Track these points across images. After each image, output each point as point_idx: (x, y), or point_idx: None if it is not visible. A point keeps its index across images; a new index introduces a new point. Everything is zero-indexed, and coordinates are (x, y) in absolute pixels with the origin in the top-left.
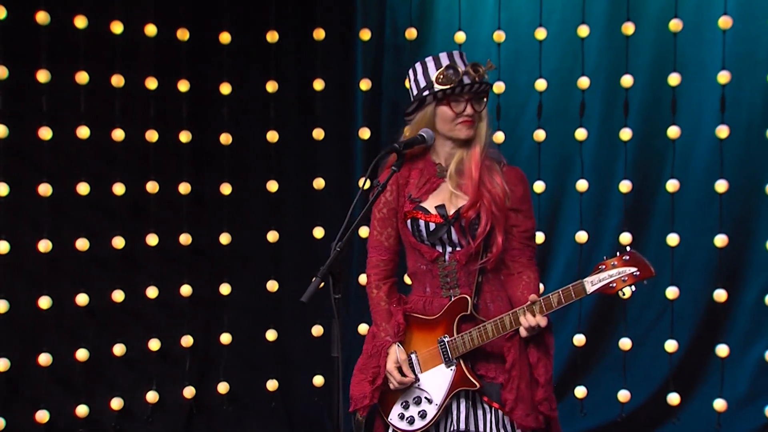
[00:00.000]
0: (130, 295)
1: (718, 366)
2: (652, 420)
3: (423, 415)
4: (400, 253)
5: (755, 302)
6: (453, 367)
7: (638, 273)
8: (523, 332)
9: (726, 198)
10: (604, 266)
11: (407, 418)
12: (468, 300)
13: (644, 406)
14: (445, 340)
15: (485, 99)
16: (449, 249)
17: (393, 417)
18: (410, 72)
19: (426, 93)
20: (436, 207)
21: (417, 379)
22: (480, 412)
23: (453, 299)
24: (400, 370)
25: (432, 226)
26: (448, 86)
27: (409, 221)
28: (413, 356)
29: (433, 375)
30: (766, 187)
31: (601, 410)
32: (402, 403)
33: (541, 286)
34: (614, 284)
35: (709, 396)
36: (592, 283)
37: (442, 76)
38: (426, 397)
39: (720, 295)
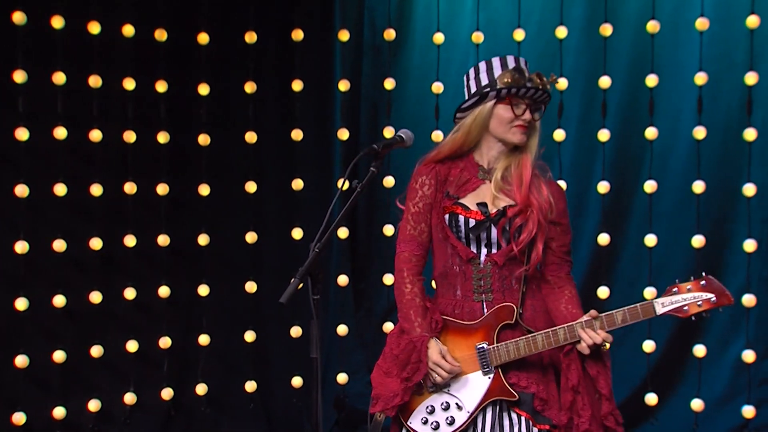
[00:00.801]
0: (107, 297)
1: (695, 366)
2: (630, 420)
3: (451, 421)
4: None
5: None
6: (491, 376)
7: (715, 300)
8: (585, 349)
9: (703, 199)
10: (677, 289)
11: (432, 423)
12: (514, 309)
13: (622, 407)
14: (486, 347)
15: (543, 110)
16: (485, 251)
17: (414, 421)
18: (471, 70)
19: (488, 90)
20: (477, 204)
21: (448, 384)
22: (507, 423)
23: (491, 306)
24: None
25: (472, 222)
26: (514, 86)
27: (447, 216)
28: None
29: (467, 381)
30: (743, 188)
31: None
32: (427, 408)
33: None
34: (687, 308)
35: (687, 396)
36: (663, 305)
37: (508, 76)
38: (457, 404)
39: None
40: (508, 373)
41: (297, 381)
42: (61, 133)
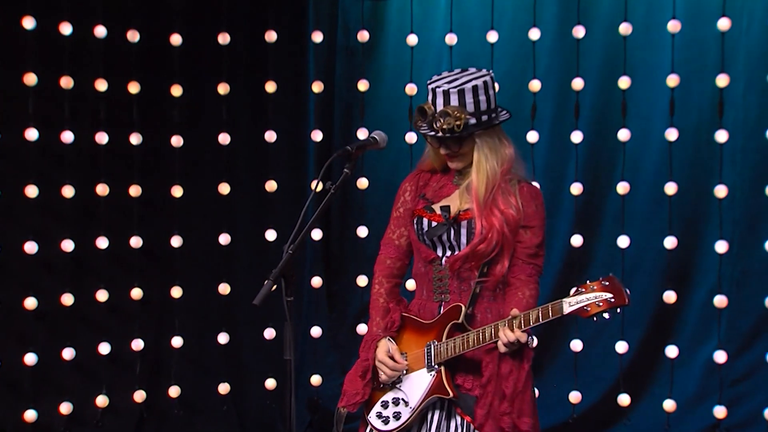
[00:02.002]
0: (79, 299)
1: (667, 367)
2: (603, 421)
3: (397, 416)
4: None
5: (704, 303)
6: (433, 373)
7: (612, 299)
8: (501, 347)
9: (675, 200)
10: (584, 289)
11: (383, 418)
12: (461, 308)
13: (595, 407)
14: (432, 344)
15: (467, 142)
16: (449, 252)
17: (372, 415)
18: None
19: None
20: (441, 207)
21: (400, 380)
22: (452, 424)
23: (448, 306)
24: (393, 359)
25: (433, 224)
26: (417, 122)
27: (415, 219)
28: (403, 357)
29: (414, 378)
30: (714, 189)
31: (552, 411)
32: (382, 403)
33: None
34: (589, 308)
35: (659, 397)
36: (570, 304)
37: (416, 114)
38: (403, 399)
39: (669, 296)
40: (457, 374)
41: (270, 383)
42: (32, 134)
